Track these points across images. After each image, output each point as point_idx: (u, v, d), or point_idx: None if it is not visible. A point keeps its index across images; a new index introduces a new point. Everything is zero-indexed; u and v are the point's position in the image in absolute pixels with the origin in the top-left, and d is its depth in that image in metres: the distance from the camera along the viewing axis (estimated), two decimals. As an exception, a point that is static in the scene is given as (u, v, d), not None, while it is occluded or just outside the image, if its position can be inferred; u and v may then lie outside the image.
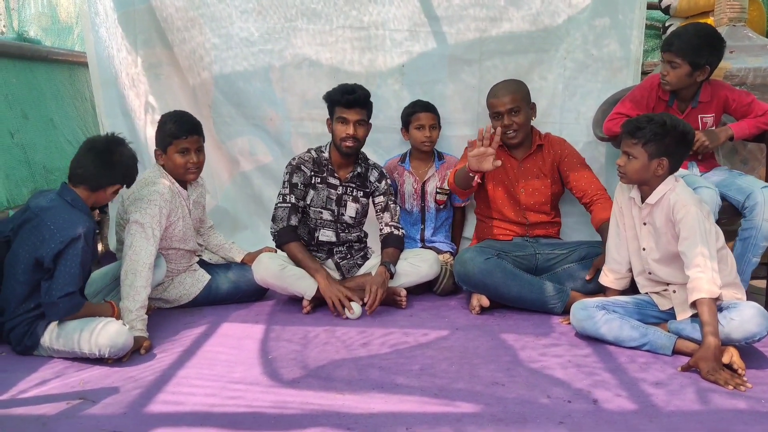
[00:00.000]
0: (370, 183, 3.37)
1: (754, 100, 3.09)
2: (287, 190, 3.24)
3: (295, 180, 3.24)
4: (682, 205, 2.52)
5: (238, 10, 3.72)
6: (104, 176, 2.62)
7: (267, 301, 3.30)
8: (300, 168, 3.25)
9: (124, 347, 2.49)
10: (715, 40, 3.00)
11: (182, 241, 3.06)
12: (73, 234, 2.45)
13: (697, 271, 2.43)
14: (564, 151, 3.37)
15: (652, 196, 2.61)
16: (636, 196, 2.69)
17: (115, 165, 2.64)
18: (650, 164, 2.56)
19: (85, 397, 2.21)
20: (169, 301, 3.15)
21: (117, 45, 3.76)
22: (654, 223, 2.63)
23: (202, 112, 3.83)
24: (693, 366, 2.34)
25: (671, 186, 2.59)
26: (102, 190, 2.64)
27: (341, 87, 3.21)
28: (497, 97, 3.25)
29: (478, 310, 3.05)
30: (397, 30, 3.75)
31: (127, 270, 2.72)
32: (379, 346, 2.66)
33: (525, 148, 3.36)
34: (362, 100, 3.18)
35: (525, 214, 3.35)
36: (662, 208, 2.59)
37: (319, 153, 3.31)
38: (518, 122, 3.24)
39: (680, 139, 2.56)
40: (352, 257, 3.38)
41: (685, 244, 2.49)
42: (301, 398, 2.19)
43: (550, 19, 3.71)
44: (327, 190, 3.28)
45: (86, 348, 2.46)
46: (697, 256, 2.44)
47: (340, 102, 3.17)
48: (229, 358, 2.55)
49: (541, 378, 2.35)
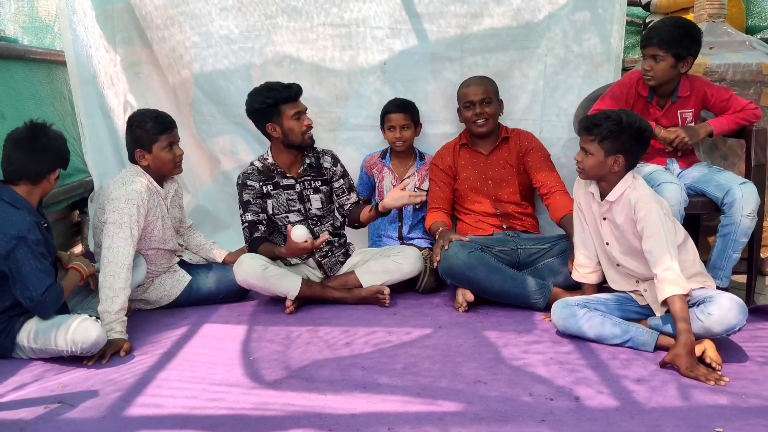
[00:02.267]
0: (326, 170, 3.33)
1: (732, 96, 3.11)
2: (242, 210, 3.23)
3: (246, 197, 3.21)
4: (643, 204, 2.53)
5: (218, 7, 3.69)
6: (40, 164, 2.56)
7: (249, 301, 3.28)
8: (246, 184, 3.22)
9: (97, 343, 2.46)
10: (694, 30, 3.03)
11: (162, 241, 3.02)
12: (16, 232, 2.41)
13: (663, 269, 2.43)
14: (531, 144, 3.46)
15: (611, 194, 2.62)
16: (595, 192, 2.70)
17: (46, 150, 2.58)
18: (606, 161, 2.57)
19: (64, 400, 2.18)
20: (150, 302, 3.12)
21: (95, 44, 3.72)
22: (614, 220, 2.65)
23: (183, 111, 3.81)
24: (669, 363, 2.35)
25: (630, 183, 2.60)
26: (44, 179, 2.59)
27: (275, 86, 3.16)
28: (470, 87, 3.42)
29: (465, 307, 3.05)
30: (378, 27, 3.73)
31: (105, 272, 2.69)
32: (362, 346, 2.66)
33: (491, 142, 3.47)
34: (300, 90, 3.20)
35: (496, 206, 3.41)
36: (622, 205, 2.60)
37: (264, 161, 3.26)
38: (489, 112, 3.38)
39: (636, 137, 2.57)
40: (333, 255, 3.36)
41: (649, 242, 2.49)
42: (282, 399, 2.18)
43: (530, 14, 3.70)
44: (284, 193, 3.25)
45: (62, 345, 2.43)
46: (663, 255, 2.45)
47: (287, 99, 3.13)
48: (210, 360, 2.53)
49: (523, 376, 2.35)
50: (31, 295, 2.42)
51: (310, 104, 3.74)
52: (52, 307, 2.48)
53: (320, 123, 3.84)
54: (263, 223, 3.23)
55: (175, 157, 2.98)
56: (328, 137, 3.85)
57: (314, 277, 3.31)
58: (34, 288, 2.41)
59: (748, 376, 2.33)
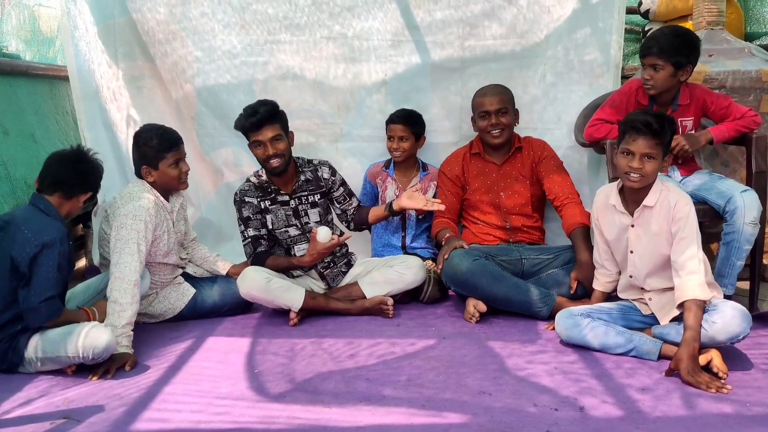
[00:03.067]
0: (324, 180, 3.34)
1: (732, 103, 3.12)
2: (242, 227, 3.25)
3: (245, 214, 3.23)
4: (683, 204, 2.52)
5: (221, 24, 3.72)
6: (78, 183, 2.69)
7: (253, 313, 3.28)
8: (244, 201, 3.24)
9: (108, 348, 2.49)
10: (692, 38, 3.05)
11: (166, 255, 3.04)
12: (47, 238, 2.47)
13: (688, 272, 2.44)
14: (543, 153, 3.43)
15: (648, 199, 2.56)
16: (617, 203, 2.67)
17: (87, 173, 2.73)
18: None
19: (70, 416, 2.19)
20: (154, 316, 3.13)
21: (97, 59, 3.74)
22: (647, 226, 2.61)
23: (186, 125, 3.83)
24: (674, 368, 2.36)
25: (662, 187, 2.58)
26: (75, 197, 2.69)
27: (244, 112, 3.14)
28: (486, 97, 3.36)
29: (477, 317, 3.03)
30: (380, 42, 3.76)
31: (113, 287, 2.70)
32: (366, 357, 2.66)
33: (504, 152, 3.42)
34: (267, 116, 3.09)
35: (506, 218, 3.38)
36: (660, 209, 2.56)
37: (258, 177, 3.28)
38: (504, 122, 3.33)
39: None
40: (335, 266, 3.37)
41: (682, 244, 2.48)
42: (288, 413, 2.18)
43: (530, 27, 3.74)
44: (281, 209, 3.26)
45: (73, 352, 2.45)
46: (693, 258, 2.45)
47: (247, 128, 3.12)
48: (215, 373, 2.54)
49: (527, 386, 2.36)
50: (29, 299, 2.44)
51: (312, 116, 3.77)
52: (43, 319, 2.49)
53: (323, 134, 3.86)
54: (265, 237, 3.25)
55: (182, 174, 3.00)
56: (330, 148, 3.87)
57: (317, 288, 3.32)
58: (36, 293, 2.44)
59: (752, 384, 2.34)
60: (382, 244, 3.73)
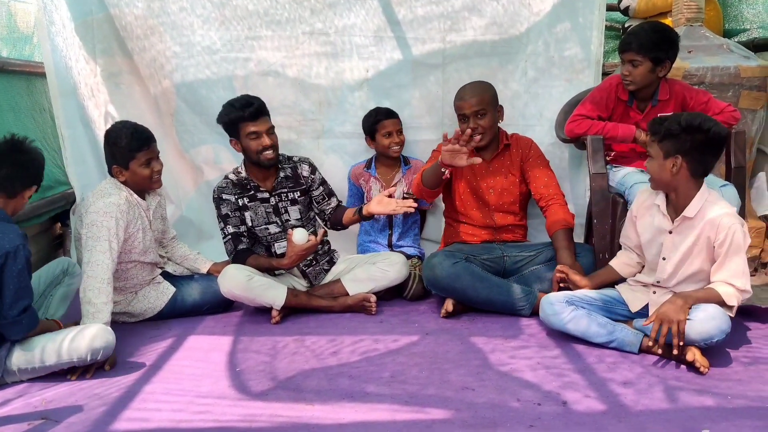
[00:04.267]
0: (303, 178, 3.33)
1: (711, 99, 3.15)
2: (222, 224, 3.23)
3: (224, 211, 3.21)
4: (727, 223, 2.44)
5: (200, 19, 3.68)
6: (19, 179, 2.47)
7: (235, 312, 3.25)
8: (222, 198, 3.21)
9: (113, 346, 2.48)
10: (671, 34, 3.07)
11: (143, 253, 2.99)
12: (8, 246, 2.31)
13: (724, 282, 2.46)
14: (530, 151, 3.38)
15: (689, 209, 2.50)
16: (661, 203, 2.61)
17: (27, 165, 2.50)
18: (665, 163, 2.48)
19: (48, 416, 2.16)
20: (134, 315, 3.09)
21: (75, 55, 3.69)
22: (685, 236, 2.54)
23: (165, 121, 3.79)
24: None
25: (707, 197, 2.51)
26: (19, 194, 2.49)
27: (237, 103, 3.13)
28: (463, 100, 3.24)
29: (443, 314, 3.05)
30: (362, 39, 3.74)
31: (86, 287, 2.65)
32: (349, 354, 2.65)
33: (492, 149, 3.36)
34: (264, 107, 3.15)
35: (493, 216, 3.35)
36: (701, 222, 2.50)
37: (238, 174, 3.25)
38: (484, 125, 3.22)
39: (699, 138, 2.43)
40: (317, 263, 3.35)
41: (728, 260, 2.45)
42: (270, 411, 2.17)
43: (511, 23, 3.74)
44: (261, 206, 3.24)
45: (83, 354, 2.41)
46: (736, 272, 2.45)
47: (244, 118, 3.10)
48: (196, 372, 2.51)
49: (510, 381, 2.36)
50: (6, 313, 2.33)
51: (294, 112, 3.74)
52: (25, 330, 2.39)
53: (304, 131, 3.84)
54: (245, 235, 3.23)
55: (153, 173, 2.94)
56: (311, 145, 3.85)
57: (299, 286, 3.30)
58: (11, 306, 2.33)
59: (733, 376, 2.36)
60: (368, 240, 3.72)
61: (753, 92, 3.60)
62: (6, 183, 2.45)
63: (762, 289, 3.35)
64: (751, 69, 3.57)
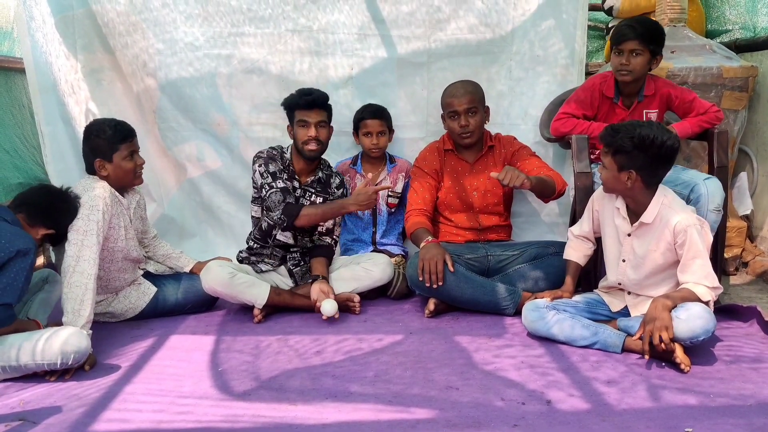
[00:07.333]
0: (330, 189, 3.33)
1: (696, 98, 3.16)
2: (270, 179, 3.14)
3: (272, 168, 3.16)
4: (683, 227, 2.45)
5: (183, 15, 3.64)
6: (47, 216, 2.60)
7: (217, 311, 3.22)
8: (273, 158, 3.20)
9: (87, 351, 2.44)
10: (663, 30, 3.14)
11: (125, 252, 2.93)
12: (23, 246, 2.36)
13: (694, 282, 2.46)
14: (514, 147, 3.40)
15: (646, 215, 2.54)
16: (621, 206, 2.63)
17: (61, 211, 2.63)
18: (620, 176, 2.49)
19: (25, 418, 2.12)
20: (115, 315, 3.05)
21: (55, 51, 3.63)
22: (644, 240, 2.57)
23: (147, 118, 3.75)
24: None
25: (662, 201, 2.53)
26: (35, 227, 2.58)
27: (299, 90, 3.20)
28: (455, 97, 3.25)
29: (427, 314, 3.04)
30: (346, 36, 3.73)
31: (71, 282, 2.59)
32: (332, 354, 2.63)
33: (476, 150, 3.37)
34: (321, 100, 3.17)
35: (478, 218, 3.35)
36: (658, 226, 2.52)
37: (282, 153, 3.25)
38: (474, 123, 3.25)
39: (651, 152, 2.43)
40: (305, 264, 3.33)
41: (691, 262, 2.47)
42: (252, 411, 2.15)
43: (496, 21, 3.74)
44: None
45: (53, 357, 2.37)
46: (700, 270, 2.47)
47: (299, 105, 3.14)
48: (177, 372, 2.48)
49: (495, 380, 2.35)
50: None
51: (278, 110, 3.70)
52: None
53: (288, 129, 3.81)
54: (291, 193, 3.16)
55: (137, 167, 2.92)
56: (296, 143, 3.82)
57: (284, 285, 3.28)
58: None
59: (715, 375, 2.36)
60: (351, 239, 3.70)
61: (735, 92, 3.63)
62: (34, 211, 2.60)
63: (743, 288, 3.38)
64: (733, 69, 3.59)
